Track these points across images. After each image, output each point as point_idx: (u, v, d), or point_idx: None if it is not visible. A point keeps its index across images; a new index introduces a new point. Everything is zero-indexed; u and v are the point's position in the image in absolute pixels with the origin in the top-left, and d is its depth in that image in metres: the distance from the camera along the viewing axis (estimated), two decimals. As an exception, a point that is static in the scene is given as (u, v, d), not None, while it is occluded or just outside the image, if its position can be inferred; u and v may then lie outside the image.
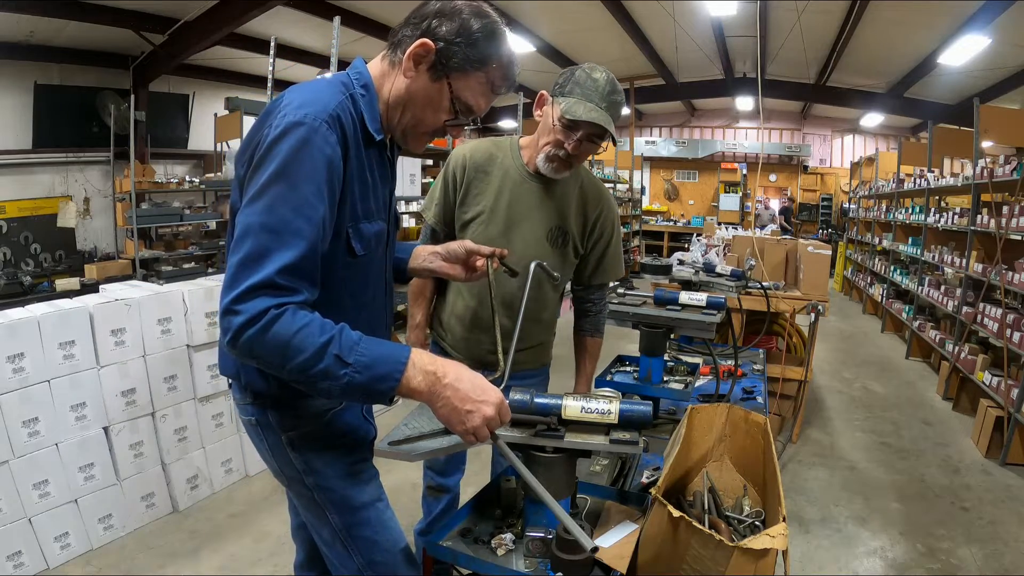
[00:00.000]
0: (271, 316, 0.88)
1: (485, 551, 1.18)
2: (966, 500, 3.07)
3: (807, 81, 9.62)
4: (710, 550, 0.99)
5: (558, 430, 1.12)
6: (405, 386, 0.93)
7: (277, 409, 1.13)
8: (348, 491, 1.17)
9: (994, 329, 3.88)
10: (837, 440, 3.79)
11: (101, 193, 7.46)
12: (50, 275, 6.56)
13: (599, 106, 1.48)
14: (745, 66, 9.78)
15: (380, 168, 1.13)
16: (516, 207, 1.65)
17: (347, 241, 1.06)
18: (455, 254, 1.34)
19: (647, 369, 2.10)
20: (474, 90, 1.06)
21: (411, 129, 1.10)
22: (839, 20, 7.04)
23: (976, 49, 6.52)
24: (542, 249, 1.67)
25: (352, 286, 1.12)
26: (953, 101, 8.80)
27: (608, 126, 1.48)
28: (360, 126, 1.05)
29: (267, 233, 0.91)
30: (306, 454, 1.15)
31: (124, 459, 2.52)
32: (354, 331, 0.93)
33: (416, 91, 1.05)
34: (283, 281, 0.90)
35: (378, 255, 1.17)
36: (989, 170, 4.33)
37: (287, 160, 0.92)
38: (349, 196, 1.03)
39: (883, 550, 2.61)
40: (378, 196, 1.13)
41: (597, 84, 1.50)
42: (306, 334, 0.89)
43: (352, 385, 0.90)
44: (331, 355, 0.89)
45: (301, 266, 0.92)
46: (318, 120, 0.95)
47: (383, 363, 0.92)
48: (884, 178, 8.22)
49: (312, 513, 1.20)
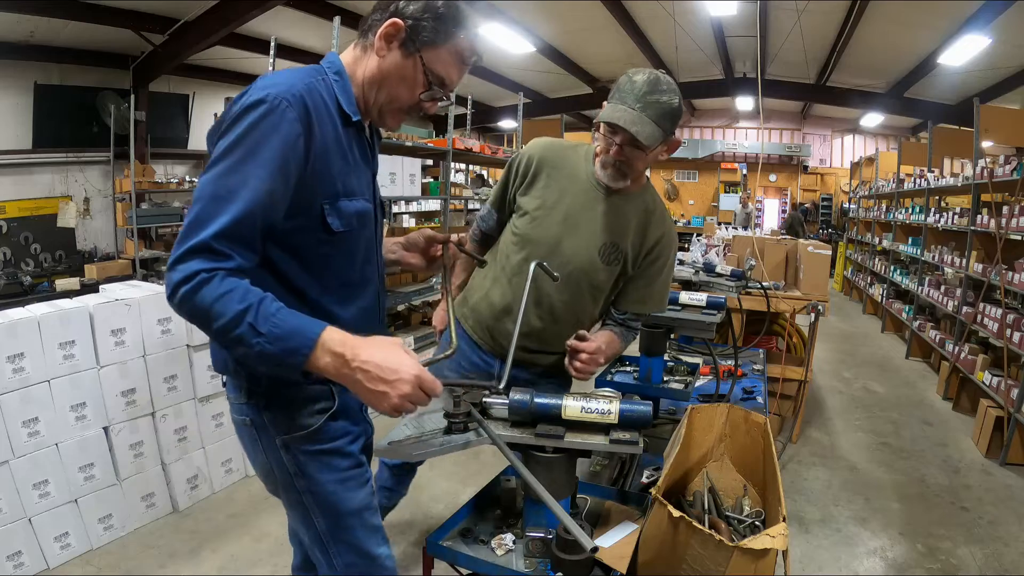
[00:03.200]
0: (200, 279, 0.91)
1: (485, 551, 1.18)
2: (966, 500, 3.07)
3: (807, 81, 9.61)
4: (710, 550, 0.99)
5: (558, 430, 1.12)
6: (313, 364, 0.94)
7: (272, 410, 1.14)
8: (338, 496, 1.17)
9: (994, 329, 3.88)
10: (837, 440, 3.79)
11: (101, 193, 7.45)
12: (50, 275, 6.56)
13: (632, 107, 1.44)
14: (745, 66, 9.78)
15: (361, 151, 1.16)
16: (575, 212, 1.62)
17: (322, 217, 1.07)
18: (415, 243, 1.38)
19: (647, 369, 2.10)
20: (445, 62, 1.10)
21: (387, 106, 1.14)
22: (839, 20, 7.04)
23: (976, 49, 6.51)
24: (591, 260, 1.62)
25: (336, 264, 1.13)
26: (953, 101, 8.80)
27: (630, 126, 1.42)
28: (336, 106, 1.09)
29: (212, 200, 0.95)
30: (299, 457, 1.14)
31: (124, 459, 2.52)
32: (275, 302, 0.95)
33: (389, 68, 1.10)
34: (218, 246, 0.93)
35: (364, 236, 1.18)
36: (989, 170, 4.33)
37: (243, 134, 0.96)
38: (324, 172, 1.06)
39: (883, 550, 2.61)
40: (360, 177, 1.15)
41: (635, 86, 1.47)
42: (227, 300, 0.92)
43: (264, 355, 0.93)
44: (246, 323, 0.91)
45: (237, 231, 0.95)
46: (279, 99, 0.98)
47: (293, 337, 0.93)
48: (884, 178, 8.23)
49: (298, 514, 1.20)
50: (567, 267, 1.56)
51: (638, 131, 1.43)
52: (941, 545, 2.66)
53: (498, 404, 1.15)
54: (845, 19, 6.91)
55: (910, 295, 6.20)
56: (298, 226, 1.05)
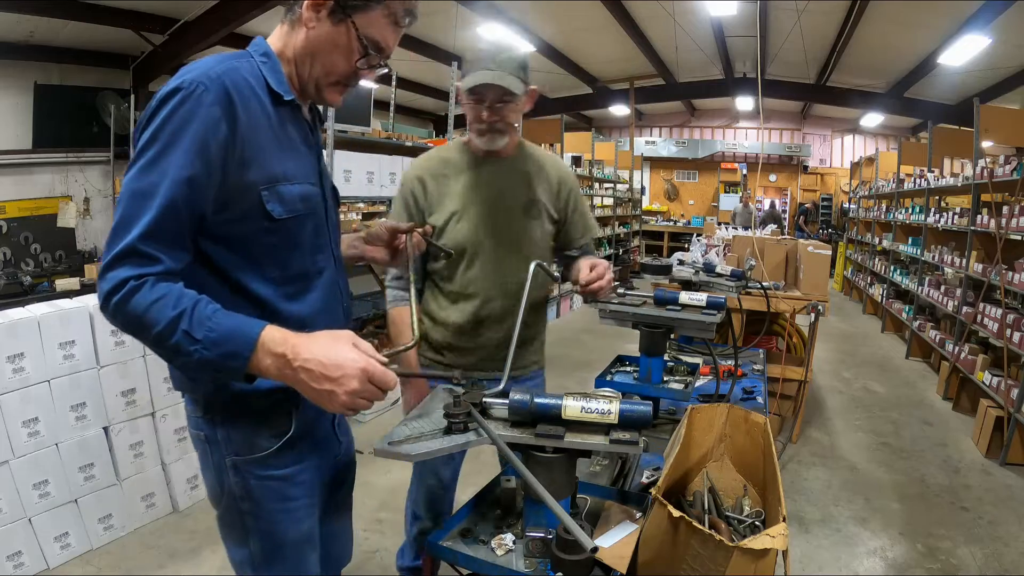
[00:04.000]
0: (129, 287, 0.87)
1: (485, 551, 1.17)
2: (966, 500, 3.07)
3: (807, 81, 9.62)
4: (710, 550, 0.99)
5: (558, 430, 1.12)
6: (255, 367, 0.89)
7: (227, 428, 1.08)
8: (281, 526, 1.12)
9: (994, 329, 3.88)
10: (837, 440, 3.79)
11: (101, 193, 7.45)
12: (50, 275, 6.55)
13: (490, 68, 1.52)
14: (745, 66, 9.79)
15: (300, 134, 1.11)
16: (483, 191, 1.69)
17: (261, 204, 1.01)
18: (377, 236, 1.33)
19: (647, 369, 2.09)
20: (378, 24, 1.05)
21: (324, 79, 1.08)
22: (839, 20, 7.05)
23: (976, 49, 6.52)
24: (523, 223, 1.72)
25: (280, 256, 1.06)
26: (953, 101, 8.80)
27: (497, 81, 1.50)
28: (265, 87, 1.03)
29: (132, 200, 0.90)
30: (248, 480, 1.09)
31: (124, 459, 2.52)
32: (211, 305, 0.90)
33: (320, 38, 1.04)
34: (145, 248, 0.88)
35: (312, 222, 1.11)
36: (989, 170, 4.33)
37: (159, 126, 0.92)
38: (256, 157, 0.99)
39: (883, 550, 2.61)
40: (301, 161, 1.10)
41: (484, 52, 1.56)
42: (159, 307, 0.87)
43: (204, 362, 0.88)
44: (181, 330, 0.86)
45: (160, 230, 0.89)
46: (193, 83, 0.93)
47: (231, 341, 0.88)
48: (884, 178, 8.23)
49: (234, 533, 1.14)
50: (516, 244, 1.66)
51: (505, 83, 1.51)
52: (941, 545, 2.66)
53: (498, 404, 1.15)
54: (845, 19, 6.92)
55: (910, 295, 6.21)
56: (235, 216, 0.99)
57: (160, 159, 0.91)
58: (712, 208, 13.77)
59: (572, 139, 8.79)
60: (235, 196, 0.98)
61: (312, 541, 1.18)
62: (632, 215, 11.35)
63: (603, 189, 9.67)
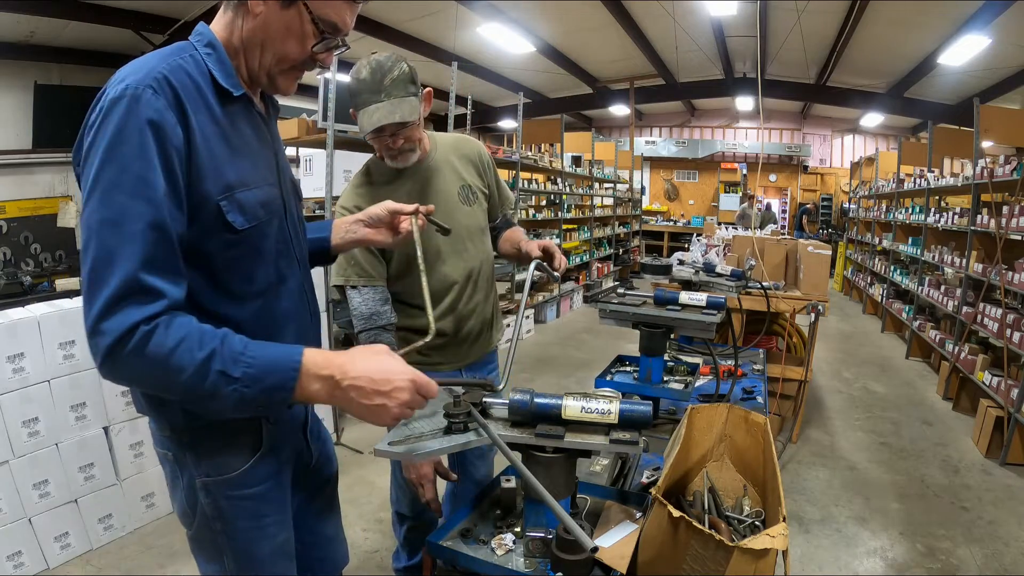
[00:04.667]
0: (141, 334, 0.77)
1: (485, 551, 1.17)
2: (966, 500, 3.08)
3: (807, 81, 9.62)
4: (710, 550, 0.99)
5: (558, 430, 1.12)
6: (301, 395, 0.85)
7: (195, 448, 1.01)
8: (256, 544, 1.08)
9: (994, 329, 3.88)
10: (837, 440, 3.79)
11: (101, 193, 7.46)
12: (50, 275, 6.56)
13: (380, 100, 1.46)
14: (745, 66, 9.78)
15: (253, 130, 1.02)
16: (418, 196, 1.64)
17: (220, 215, 0.92)
18: (377, 217, 1.24)
19: (647, 369, 2.09)
20: (333, 3, 0.95)
21: (276, 68, 0.99)
22: (839, 20, 7.05)
23: (976, 49, 6.52)
24: (466, 211, 1.73)
25: (244, 268, 0.98)
26: (953, 101, 8.81)
27: (392, 119, 1.45)
28: (212, 84, 0.94)
29: (108, 228, 0.79)
30: (220, 501, 1.04)
31: (124, 459, 2.52)
32: (236, 336, 0.84)
33: (270, 23, 0.94)
34: (146, 280, 0.79)
35: (272, 228, 1.02)
36: (989, 170, 4.33)
37: (112, 141, 0.81)
38: (209, 164, 0.90)
39: (883, 550, 2.61)
40: (257, 161, 1.01)
41: (367, 83, 1.46)
42: (183, 350, 0.79)
43: (245, 400, 0.82)
44: (215, 372, 0.80)
45: (154, 257, 0.81)
46: (140, 87, 0.83)
47: (273, 373, 0.83)
48: (884, 178, 8.23)
49: (207, 552, 1.10)
50: (460, 231, 1.67)
51: (402, 116, 1.47)
52: (941, 545, 2.66)
53: (498, 404, 1.15)
54: (845, 19, 6.92)
55: (910, 295, 6.21)
56: (195, 233, 0.89)
57: (123, 178, 0.80)
58: (712, 208, 13.77)
59: (572, 139, 8.79)
60: (194, 211, 0.89)
61: (287, 552, 1.15)
62: (632, 215, 11.35)
63: (603, 189, 9.67)
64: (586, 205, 9.04)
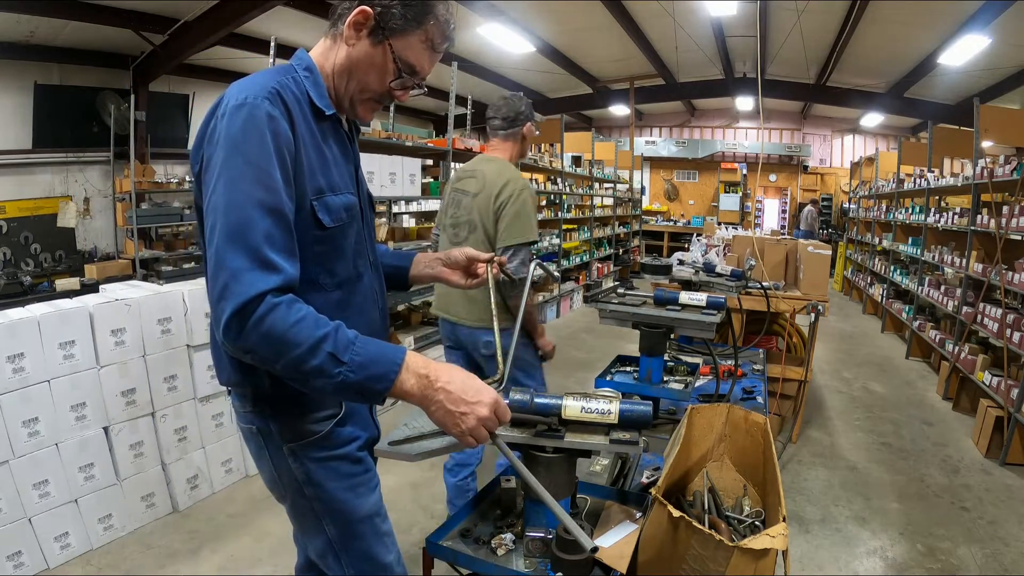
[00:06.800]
0: (268, 304, 0.88)
1: (485, 551, 1.18)
2: (966, 500, 3.07)
3: (807, 81, 9.62)
4: (710, 550, 0.99)
5: (558, 430, 1.12)
6: (399, 388, 0.93)
7: (278, 418, 1.12)
8: (348, 503, 1.16)
9: (994, 329, 3.88)
10: (837, 440, 3.79)
11: (101, 193, 7.45)
12: (50, 275, 6.56)
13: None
14: (745, 66, 9.78)
15: (339, 144, 1.15)
16: None
17: (313, 214, 1.06)
18: (456, 260, 1.38)
19: (647, 369, 2.10)
20: (415, 49, 1.09)
21: (358, 95, 1.13)
22: (839, 20, 7.05)
23: (976, 49, 6.52)
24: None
25: (329, 262, 1.11)
26: (953, 101, 8.81)
27: None
28: (308, 102, 1.08)
29: (236, 209, 0.92)
30: (308, 464, 1.13)
31: (124, 459, 2.52)
32: (349, 329, 0.94)
33: (359, 57, 1.08)
34: (269, 254, 0.91)
35: (353, 230, 1.16)
36: (989, 170, 4.33)
37: (235, 140, 0.95)
38: (307, 168, 1.04)
39: (883, 550, 2.61)
40: (341, 171, 1.15)
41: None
42: (303, 326, 0.89)
43: (346, 384, 0.91)
44: (325, 352, 0.89)
45: (275, 236, 0.93)
46: (258, 98, 0.97)
47: (378, 363, 0.92)
48: (884, 178, 8.23)
49: (307, 523, 1.18)
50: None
51: None
52: (941, 545, 2.66)
53: (498, 404, 1.16)
54: (845, 19, 6.92)
55: (910, 295, 6.21)
56: (296, 226, 1.03)
57: (247, 169, 0.94)
58: (712, 208, 13.77)
59: (572, 139, 8.79)
60: (293, 204, 1.01)
61: (381, 513, 1.22)
62: (632, 215, 11.34)
63: (603, 189, 9.67)
64: (586, 205, 9.03)
